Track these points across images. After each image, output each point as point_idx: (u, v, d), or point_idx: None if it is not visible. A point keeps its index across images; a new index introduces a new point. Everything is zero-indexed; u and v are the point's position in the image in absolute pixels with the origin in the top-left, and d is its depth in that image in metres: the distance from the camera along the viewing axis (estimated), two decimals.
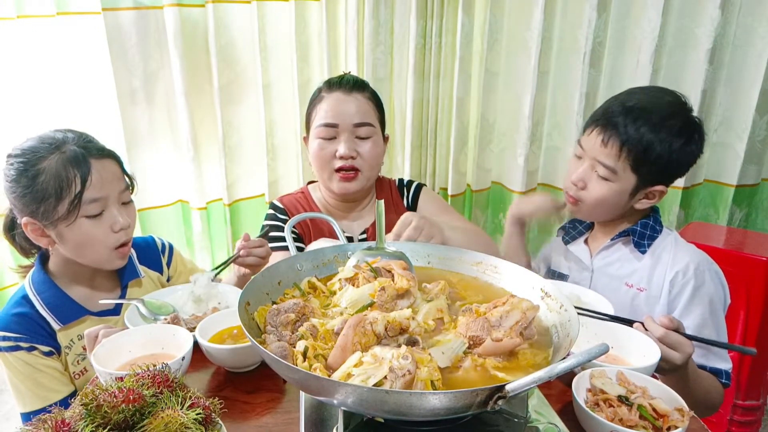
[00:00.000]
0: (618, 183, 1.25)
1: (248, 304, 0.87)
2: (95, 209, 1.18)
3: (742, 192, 2.35)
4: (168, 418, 0.68)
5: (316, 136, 1.47)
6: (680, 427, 0.81)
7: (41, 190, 1.14)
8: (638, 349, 1.03)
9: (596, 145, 1.25)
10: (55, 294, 1.25)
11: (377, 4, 2.33)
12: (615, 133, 1.22)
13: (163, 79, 2.32)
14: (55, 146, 1.17)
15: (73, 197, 1.14)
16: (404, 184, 1.67)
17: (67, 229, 1.17)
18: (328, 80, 1.52)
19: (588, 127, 1.30)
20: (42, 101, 2.20)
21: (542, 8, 2.24)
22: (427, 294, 0.96)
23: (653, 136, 1.19)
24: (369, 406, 0.67)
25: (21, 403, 1.24)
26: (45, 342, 1.23)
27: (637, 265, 1.32)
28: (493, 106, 2.55)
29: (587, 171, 1.29)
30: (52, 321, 1.23)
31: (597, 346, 0.65)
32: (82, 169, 1.15)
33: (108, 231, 1.21)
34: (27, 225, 1.19)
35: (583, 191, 1.31)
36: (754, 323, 1.90)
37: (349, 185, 1.48)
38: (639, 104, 1.23)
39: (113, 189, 1.22)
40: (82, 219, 1.17)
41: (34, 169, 1.15)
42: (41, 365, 1.22)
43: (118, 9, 2.14)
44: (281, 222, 1.55)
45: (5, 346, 1.20)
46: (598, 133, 1.25)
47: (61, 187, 1.14)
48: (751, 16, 2.15)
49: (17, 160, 1.17)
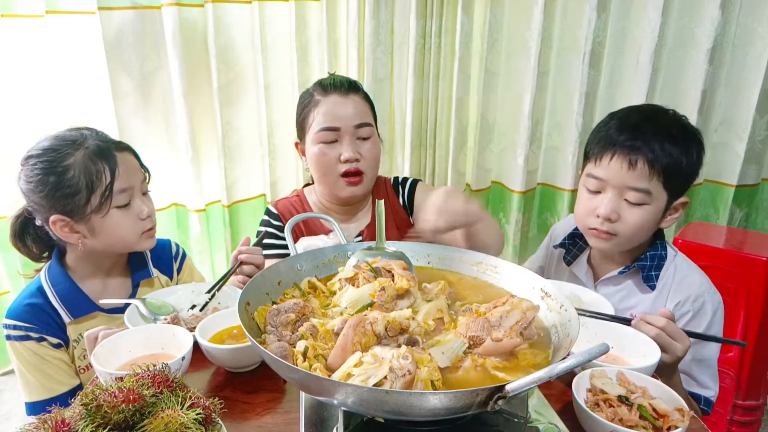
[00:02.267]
0: (653, 204, 1.20)
1: (248, 304, 0.87)
2: (124, 199, 1.23)
3: (742, 192, 2.35)
4: (168, 418, 0.68)
5: (317, 141, 1.43)
6: (680, 427, 0.81)
7: (72, 185, 1.17)
8: (638, 349, 1.03)
9: (622, 172, 1.18)
10: (69, 287, 1.27)
11: (377, 4, 2.33)
12: (640, 154, 1.17)
13: (160, 80, 2.31)
14: (77, 143, 1.20)
15: (104, 188, 1.19)
16: (399, 181, 1.65)
17: (100, 222, 1.21)
18: (320, 83, 1.48)
19: (596, 157, 1.23)
20: (34, 102, 2.19)
21: (542, 8, 2.24)
22: (427, 294, 0.96)
23: (677, 149, 1.17)
24: (369, 406, 0.67)
25: (27, 393, 1.25)
26: (54, 334, 1.25)
27: (642, 296, 1.30)
28: (492, 106, 2.55)
29: (616, 201, 1.21)
30: (63, 314, 1.26)
31: (597, 346, 0.65)
32: (109, 161, 1.20)
33: (136, 219, 1.26)
34: (56, 223, 1.21)
35: (617, 223, 1.22)
36: (754, 323, 1.89)
37: (356, 189, 1.46)
38: (649, 122, 1.21)
39: (137, 179, 1.27)
40: (113, 210, 1.22)
41: (62, 166, 1.17)
42: (49, 356, 1.24)
43: (114, 8, 2.13)
44: (275, 228, 1.54)
45: (15, 335, 1.23)
46: (618, 159, 1.19)
47: (92, 180, 1.18)
48: (751, 16, 2.15)
49: (40, 160, 1.18)
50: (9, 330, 1.23)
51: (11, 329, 1.23)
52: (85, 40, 2.15)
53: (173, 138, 2.40)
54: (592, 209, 1.24)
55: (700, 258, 1.86)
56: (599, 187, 1.24)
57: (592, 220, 1.25)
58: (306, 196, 1.61)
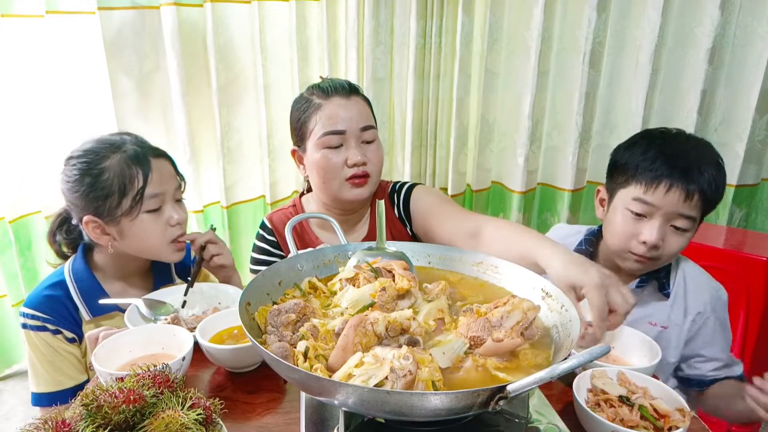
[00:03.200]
0: (693, 229, 1.24)
1: (249, 305, 0.87)
2: (155, 204, 1.25)
3: (742, 192, 2.35)
4: (168, 418, 0.68)
5: (321, 146, 1.36)
6: (681, 427, 0.81)
7: (106, 187, 1.20)
8: (639, 350, 1.03)
9: (678, 202, 1.19)
10: (92, 285, 1.29)
11: (377, 4, 2.33)
12: (698, 186, 1.18)
13: (159, 80, 2.31)
14: (116, 147, 1.24)
15: (136, 192, 1.21)
16: (395, 189, 1.53)
17: (129, 225, 1.23)
18: (319, 86, 1.40)
19: (648, 184, 1.21)
20: (33, 105, 2.19)
21: (542, 8, 2.24)
22: (428, 294, 0.96)
23: (721, 177, 1.21)
24: (370, 406, 0.67)
25: (35, 383, 1.26)
26: (70, 328, 1.26)
27: (658, 305, 1.32)
28: (493, 106, 2.55)
29: (664, 228, 1.21)
30: (83, 310, 1.27)
31: (598, 347, 0.65)
32: (143, 166, 1.22)
33: (165, 225, 1.27)
34: (88, 223, 1.23)
35: (660, 249, 1.22)
36: (754, 323, 1.90)
37: (362, 191, 1.40)
38: (696, 150, 1.22)
39: (170, 186, 1.29)
40: (143, 214, 1.23)
41: (98, 168, 1.21)
42: (62, 350, 1.25)
43: (113, 8, 2.13)
44: (268, 245, 1.50)
45: (32, 325, 1.24)
46: (676, 190, 1.18)
47: (125, 184, 1.21)
48: (751, 16, 2.15)
49: (79, 161, 1.22)
50: (26, 319, 1.25)
51: (29, 318, 1.24)
52: (85, 40, 2.15)
53: (172, 138, 2.39)
54: (635, 234, 1.23)
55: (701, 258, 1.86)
56: (647, 212, 1.22)
57: (634, 245, 1.23)
58: (303, 205, 1.55)
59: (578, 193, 2.54)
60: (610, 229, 1.30)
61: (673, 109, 2.32)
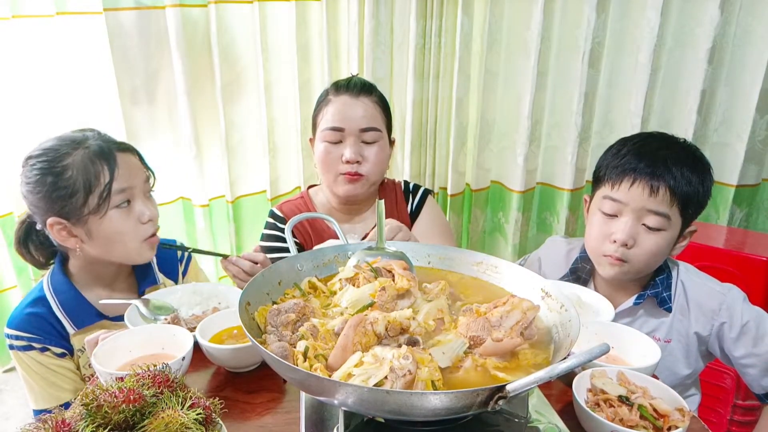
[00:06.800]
0: (670, 230, 1.20)
1: (248, 304, 0.87)
2: (123, 199, 1.19)
3: (742, 192, 2.35)
4: (168, 418, 0.68)
5: (323, 139, 1.46)
6: (681, 427, 0.81)
7: (69, 186, 1.14)
8: (638, 350, 1.03)
9: (643, 196, 1.18)
10: (73, 296, 1.24)
11: (377, 4, 2.33)
12: (662, 181, 1.17)
13: (164, 79, 2.33)
14: (78, 143, 1.17)
15: (103, 188, 1.16)
16: (410, 189, 1.64)
17: (97, 224, 1.18)
18: (336, 83, 1.49)
19: (614, 181, 1.22)
20: (42, 102, 2.20)
21: (542, 8, 2.24)
22: (428, 294, 0.96)
23: (696, 177, 1.19)
24: (370, 406, 0.67)
25: (33, 400, 1.24)
26: (58, 344, 1.22)
27: (660, 320, 1.30)
28: (492, 106, 2.55)
29: (634, 226, 1.20)
30: (67, 324, 1.23)
31: (598, 346, 0.65)
32: (109, 161, 1.17)
33: (136, 223, 1.22)
34: (53, 225, 1.17)
35: (632, 249, 1.21)
36: None
37: (354, 187, 1.47)
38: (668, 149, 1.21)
39: (138, 179, 1.23)
40: (111, 212, 1.18)
41: (60, 166, 1.15)
42: (54, 365, 1.22)
43: (119, 9, 2.15)
44: (281, 232, 1.53)
45: (18, 345, 1.21)
46: (640, 185, 1.18)
47: (90, 180, 1.15)
48: (751, 16, 2.15)
49: (39, 160, 1.16)
50: (11, 340, 1.21)
51: (13, 339, 1.20)
52: (93, 40, 2.17)
53: (178, 135, 2.42)
54: (608, 234, 1.23)
55: (701, 258, 1.87)
56: (617, 210, 1.22)
57: (607, 246, 1.23)
58: (312, 197, 1.61)
59: (577, 193, 2.54)
60: (587, 234, 1.30)
61: (672, 109, 2.32)
